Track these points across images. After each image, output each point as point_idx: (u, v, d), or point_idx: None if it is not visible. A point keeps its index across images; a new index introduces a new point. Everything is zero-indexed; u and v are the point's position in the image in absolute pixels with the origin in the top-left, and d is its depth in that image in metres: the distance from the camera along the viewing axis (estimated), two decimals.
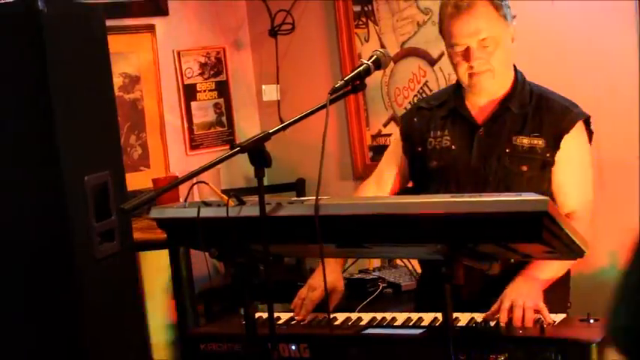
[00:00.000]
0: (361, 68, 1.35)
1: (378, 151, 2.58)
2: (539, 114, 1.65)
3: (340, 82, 1.33)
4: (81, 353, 1.74)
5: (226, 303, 2.61)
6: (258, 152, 1.25)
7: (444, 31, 1.66)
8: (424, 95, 2.52)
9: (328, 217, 1.23)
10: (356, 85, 1.35)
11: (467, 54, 1.60)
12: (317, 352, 1.45)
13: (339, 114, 2.75)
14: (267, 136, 1.25)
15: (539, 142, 1.62)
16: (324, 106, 1.26)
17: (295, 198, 2.07)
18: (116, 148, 1.93)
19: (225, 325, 1.68)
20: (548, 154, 1.59)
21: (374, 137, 2.77)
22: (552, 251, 1.22)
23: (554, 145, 1.59)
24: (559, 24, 2.27)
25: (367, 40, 2.74)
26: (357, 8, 2.76)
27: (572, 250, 1.23)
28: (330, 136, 2.78)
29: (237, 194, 1.34)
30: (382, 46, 2.65)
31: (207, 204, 1.35)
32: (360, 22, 2.75)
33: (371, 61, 1.38)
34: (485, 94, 1.61)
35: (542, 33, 2.25)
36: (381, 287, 2.15)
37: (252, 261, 1.32)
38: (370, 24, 2.72)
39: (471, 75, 1.62)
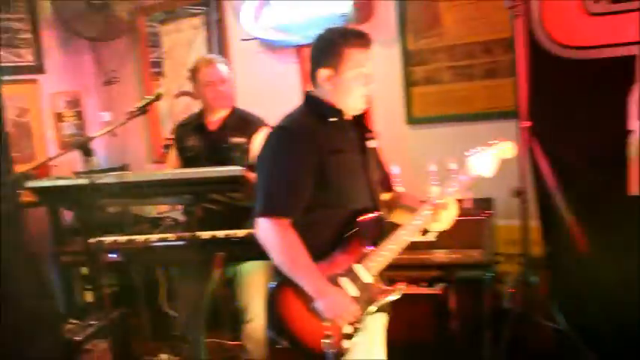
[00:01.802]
0: (147, 101, 3.08)
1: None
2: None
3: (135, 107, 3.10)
4: None
5: None
6: (85, 148, 3.04)
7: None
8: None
9: (130, 182, 2.85)
10: (145, 109, 3.12)
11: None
12: None
13: (145, 125, 4.89)
14: (91, 138, 3.37)
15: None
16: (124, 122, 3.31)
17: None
18: None
19: None
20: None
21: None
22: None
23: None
24: None
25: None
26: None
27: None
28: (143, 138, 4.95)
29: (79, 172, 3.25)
30: None
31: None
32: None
33: (154, 96, 3.14)
34: None
35: None
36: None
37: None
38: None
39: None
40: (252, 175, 2.56)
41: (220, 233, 2.91)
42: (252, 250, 2.23)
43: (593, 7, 2.97)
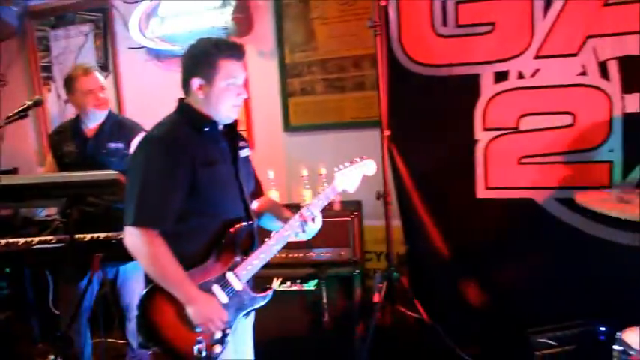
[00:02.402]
0: (26, 106, 3.00)
1: None
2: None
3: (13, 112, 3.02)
4: None
5: None
6: None
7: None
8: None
9: (6, 185, 2.85)
10: (24, 115, 3.10)
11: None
12: None
13: (35, 128, 4.90)
14: None
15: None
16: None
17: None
18: None
19: None
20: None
21: None
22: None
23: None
24: None
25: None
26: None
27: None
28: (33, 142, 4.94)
29: None
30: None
31: None
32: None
33: (32, 102, 3.06)
34: None
35: None
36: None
37: None
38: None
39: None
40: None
41: (101, 235, 3.03)
42: None
43: (441, 29, 3.30)
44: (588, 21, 3.03)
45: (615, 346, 2.29)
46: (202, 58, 2.18)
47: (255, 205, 2.49)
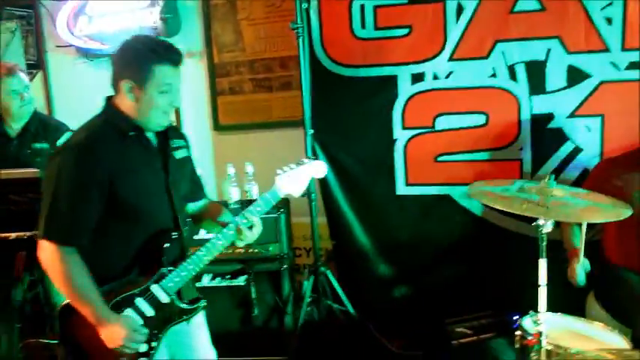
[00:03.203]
0: None
1: None
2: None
3: None
4: None
5: None
6: None
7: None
8: None
9: None
10: None
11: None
12: None
13: None
14: None
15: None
16: None
17: None
18: None
19: None
20: None
21: None
22: None
23: None
24: None
25: None
26: None
27: None
28: None
29: None
30: None
31: None
32: None
33: None
34: None
35: None
36: None
37: None
38: None
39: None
40: None
41: (27, 233, 3.01)
42: None
43: (360, 32, 3.40)
44: (496, 26, 3.19)
45: (517, 332, 2.45)
46: (136, 61, 2.02)
47: (194, 207, 2.42)
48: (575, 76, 3.13)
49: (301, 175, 2.31)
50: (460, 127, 3.36)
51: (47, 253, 2.02)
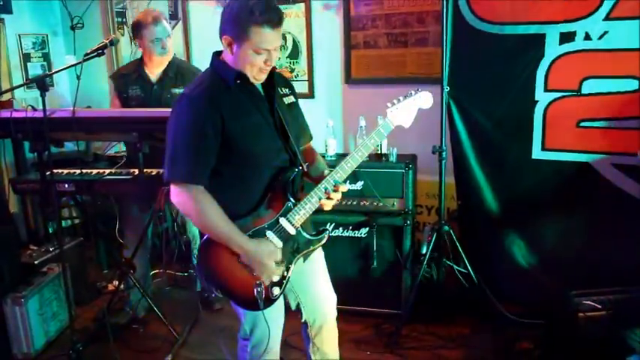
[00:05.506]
0: (102, 44, 2.93)
1: None
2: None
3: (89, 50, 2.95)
4: None
5: None
6: (41, 83, 2.80)
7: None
8: None
9: (80, 118, 3.05)
10: (100, 52, 2.94)
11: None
12: None
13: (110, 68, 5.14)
14: (48, 75, 3.35)
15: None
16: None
17: None
18: None
19: None
20: None
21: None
22: None
23: None
24: None
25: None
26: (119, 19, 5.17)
27: None
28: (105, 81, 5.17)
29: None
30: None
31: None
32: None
33: (109, 41, 2.95)
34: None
35: None
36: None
37: None
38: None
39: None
40: None
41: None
42: None
43: None
44: None
45: None
46: (233, 20, 2.10)
47: (306, 148, 2.53)
48: None
49: (410, 106, 2.39)
50: (608, 91, 3.20)
51: (181, 196, 2.16)
